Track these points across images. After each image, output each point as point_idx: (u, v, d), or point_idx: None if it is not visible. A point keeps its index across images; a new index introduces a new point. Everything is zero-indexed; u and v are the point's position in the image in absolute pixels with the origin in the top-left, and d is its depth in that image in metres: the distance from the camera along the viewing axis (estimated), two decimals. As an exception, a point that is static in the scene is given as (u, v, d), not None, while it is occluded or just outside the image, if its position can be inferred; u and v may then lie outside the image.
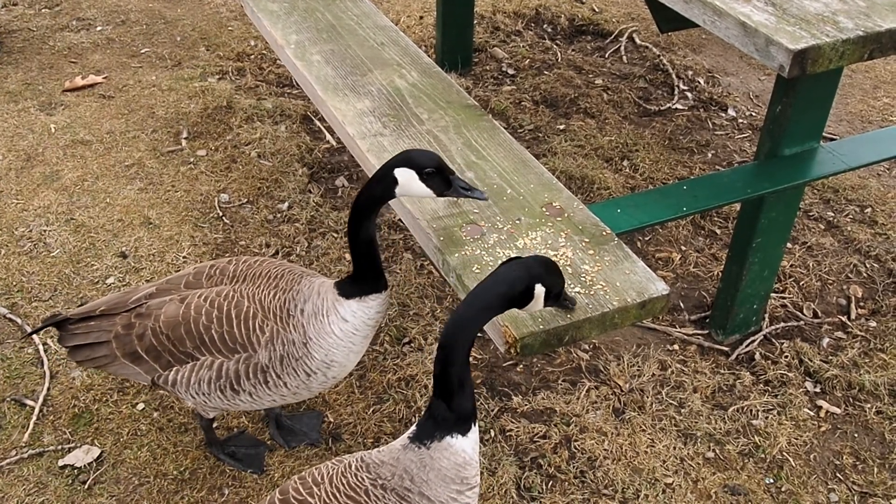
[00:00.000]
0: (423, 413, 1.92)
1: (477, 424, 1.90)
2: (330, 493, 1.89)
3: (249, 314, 2.36)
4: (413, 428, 1.88)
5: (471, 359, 3.07)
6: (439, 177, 2.17)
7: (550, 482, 2.72)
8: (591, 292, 2.12)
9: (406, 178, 2.15)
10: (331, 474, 1.93)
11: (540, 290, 1.86)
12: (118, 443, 2.79)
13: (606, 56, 5.04)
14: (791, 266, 3.56)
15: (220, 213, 3.73)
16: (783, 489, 2.74)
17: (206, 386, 2.41)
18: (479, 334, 3.17)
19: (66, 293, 3.31)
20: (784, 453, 2.85)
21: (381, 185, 2.18)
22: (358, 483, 1.89)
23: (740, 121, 4.53)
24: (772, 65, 2.36)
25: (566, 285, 1.98)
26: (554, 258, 2.20)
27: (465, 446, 1.87)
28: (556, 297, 1.93)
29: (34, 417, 2.85)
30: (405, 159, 2.16)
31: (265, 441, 2.81)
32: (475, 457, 1.90)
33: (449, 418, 1.83)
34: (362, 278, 2.30)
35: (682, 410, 2.96)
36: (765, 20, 2.42)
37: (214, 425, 2.74)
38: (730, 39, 2.48)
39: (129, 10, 5.42)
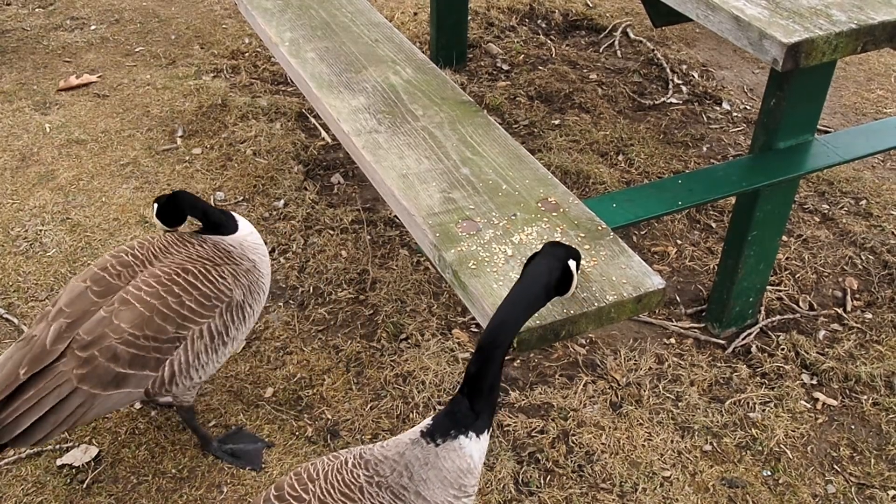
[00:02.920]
0: (434, 406, 1.92)
1: (489, 433, 1.89)
2: (324, 490, 1.88)
3: (205, 270, 2.46)
4: (427, 421, 1.86)
5: (469, 354, 3.09)
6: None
7: (548, 476, 2.73)
8: (587, 287, 2.12)
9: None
10: (326, 470, 1.91)
11: (573, 264, 1.94)
12: (116, 441, 2.79)
13: (601, 51, 5.04)
14: (787, 259, 3.57)
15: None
16: (781, 481, 2.75)
17: (203, 356, 2.42)
18: (476, 330, 3.18)
19: (63, 293, 3.31)
20: (781, 445, 2.86)
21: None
22: (353, 480, 1.87)
23: (735, 114, 4.54)
24: (765, 58, 2.36)
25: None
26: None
27: (473, 452, 1.84)
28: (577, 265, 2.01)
29: (32, 417, 2.85)
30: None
31: (263, 437, 2.81)
32: (479, 466, 1.89)
33: (469, 417, 1.81)
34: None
35: (680, 404, 2.97)
36: (758, 14, 2.42)
37: (201, 422, 2.74)
38: (723, 33, 2.49)
39: (122, 8, 5.41)
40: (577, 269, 1.98)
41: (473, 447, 1.83)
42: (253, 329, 3.19)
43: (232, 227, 2.63)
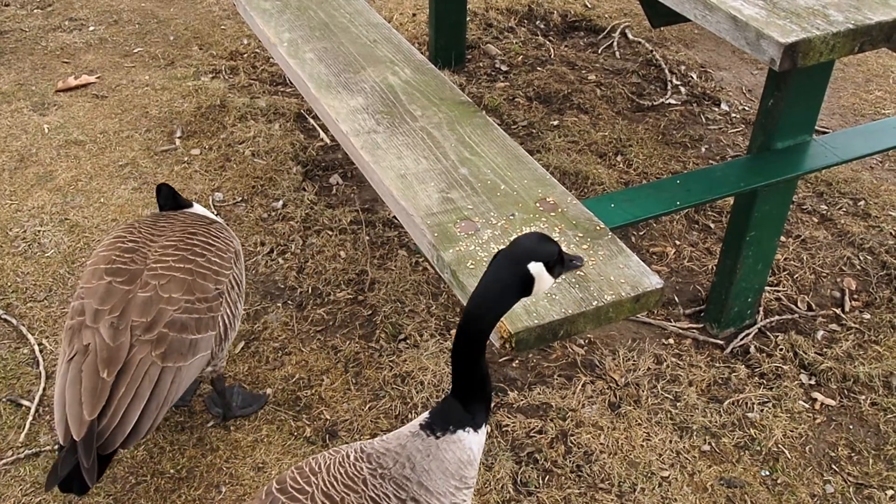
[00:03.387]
0: (433, 406, 1.91)
1: (487, 425, 1.89)
2: (327, 482, 1.89)
3: (206, 230, 2.68)
4: (426, 415, 1.86)
5: (466, 355, 3.09)
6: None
7: (547, 476, 2.73)
8: (585, 287, 2.12)
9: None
10: (328, 464, 1.92)
11: (537, 267, 1.70)
12: (115, 442, 2.79)
13: (599, 52, 5.04)
14: (785, 259, 3.57)
15: (215, 212, 3.73)
16: (779, 481, 2.75)
17: (235, 307, 2.61)
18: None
19: (61, 293, 3.31)
20: (780, 445, 2.86)
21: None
22: (356, 472, 1.88)
23: (733, 115, 4.54)
24: (763, 58, 2.37)
25: (564, 246, 1.90)
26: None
27: (473, 444, 1.86)
28: (561, 264, 1.78)
29: (30, 418, 2.85)
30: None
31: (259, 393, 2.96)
32: (478, 457, 1.90)
33: (465, 416, 1.82)
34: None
35: (678, 404, 2.97)
36: (755, 14, 2.42)
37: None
38: (721, 33, 2.49)
39: (121, 9, 5.41)
40: (558, 267, 1.76)
41: (472, 440, 1.85)
42: (252, 329, 3.19)
43: (187, 204, 2.91)
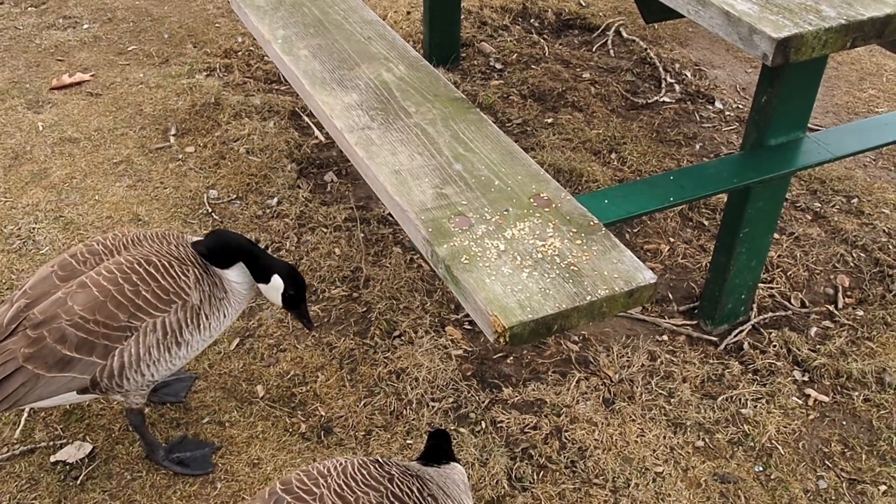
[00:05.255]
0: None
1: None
2: (341, 484, 1.95)
3: (167, 265, 2.42)
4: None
5: (462, 351, 3.10)
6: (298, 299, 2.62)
7: (541, 472, 2.74)
8: (579, 282, 2.13)
9: (275, 284, 2.58)
10: (342, 467, 2.00)
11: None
12: (110, 438, 2.79)
13: (594, 50, 5.05)
14: (779, 256, 3.58)
15: (210, 210, 3.73)
16: (772, 477, 2.76)
17: (155, 351, 2.37)
18: (469, 327, 3.18)
19: (56, 290, 3.31)
20: (773, 441, 2.87)
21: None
22: (383, 473, 2.02)
23: (727, 113, 4.55)
24: (755, 53, 2.37)
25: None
26: (542, 248, 2.21)
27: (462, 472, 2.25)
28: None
29: (25, 414, 2.84)
30: (291, 275, 2.58)
31: (209, 441, 2.79)
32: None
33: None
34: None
35: (672, 400, 2.98)
36: (748, 9, 2.43)
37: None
38: (713, 29, 2.50)
39: (115, 7, 5.41)
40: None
41: (461, 468, 2.24)
42: (246, 326, 3.19)
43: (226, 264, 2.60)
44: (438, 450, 2.24)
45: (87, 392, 2.39)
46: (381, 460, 2.08)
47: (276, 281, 2.58)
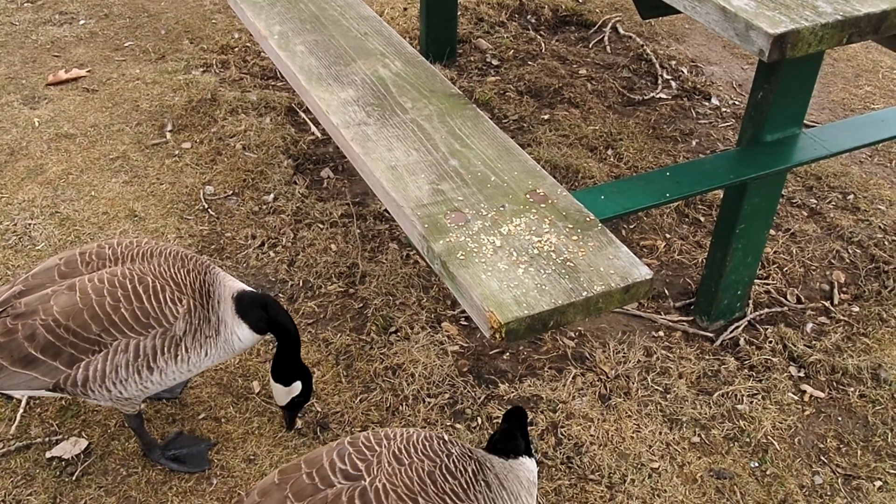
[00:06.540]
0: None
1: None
2: (401, 448, 2.04)
3: (158, 288, 2.33)
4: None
5: (458, 347, 3.10)
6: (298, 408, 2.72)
7: (538, 468, 2.74)
8: (576, 277, 2.13)
9: (293, 389, 2.65)
10: (408, 435, 2.08)
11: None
12: (106, 434, 2.79)
13: (590, 46, 5.05)
14: (775, 252, 3.59)
15: (206, 206, 3.73)
16: (768, 472, 2.77)
17: (123, 371, 2.31)
18: (465, 323, 3.18)
19: (52, 286, 3.30)
20: (769, 437, 2.87)
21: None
22: (443, 449, 2.07)
23: (723, 109, 4.56)
24: (752, 49, 2.38)
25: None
26: (538, 244, 2.21)
27: (532, 467, 2.25)
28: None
29: (21, 410, 2.84)
30: (309, 384, 2.67)
31: (205, 438, 2.79)
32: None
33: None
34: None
35: (668, 396, 2.98)
36: (744, 5, 2.43)
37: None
38: (710, 25, 2.50)
39: (111, 3, 5.40)
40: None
41: (531, 464, 2.23)
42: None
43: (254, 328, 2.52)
44: (510, 439, 2.19)
45: (56, 391, 2.36)
46: (445, 437, 2.12)
47: (296, 386, 2.60)
